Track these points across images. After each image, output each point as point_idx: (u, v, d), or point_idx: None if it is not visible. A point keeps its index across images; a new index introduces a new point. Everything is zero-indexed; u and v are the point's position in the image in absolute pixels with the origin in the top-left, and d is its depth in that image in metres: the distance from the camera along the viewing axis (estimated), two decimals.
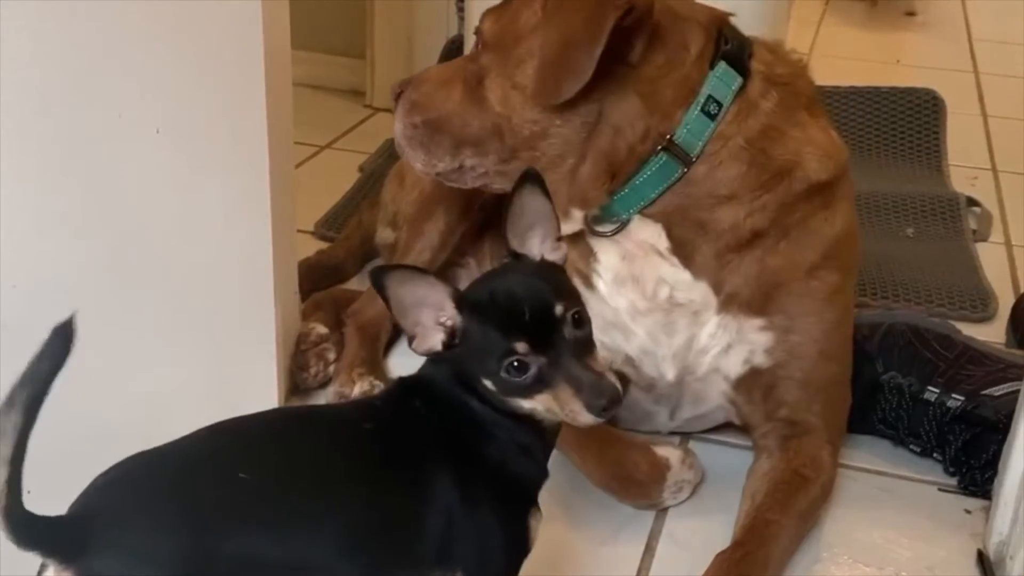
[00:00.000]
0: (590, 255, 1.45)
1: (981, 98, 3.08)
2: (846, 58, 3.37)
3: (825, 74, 2.99)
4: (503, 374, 0.98)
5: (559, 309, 0.99)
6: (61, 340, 0.85)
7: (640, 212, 1.38)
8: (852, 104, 2.71)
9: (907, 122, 2.68)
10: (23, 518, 0.84)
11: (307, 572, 0.97)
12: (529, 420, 1.02)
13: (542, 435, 1.05)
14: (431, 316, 1.00)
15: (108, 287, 1.20)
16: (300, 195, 1.65)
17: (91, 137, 1.14)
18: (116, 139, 1.17)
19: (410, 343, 1.02)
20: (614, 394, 0.98)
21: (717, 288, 1.40)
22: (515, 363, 0.98)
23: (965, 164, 2.61)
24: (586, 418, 0.98)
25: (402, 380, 1.09)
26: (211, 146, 1.30)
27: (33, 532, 0.85)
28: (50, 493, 0.90)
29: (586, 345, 1.01)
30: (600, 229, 1.41)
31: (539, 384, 0.98)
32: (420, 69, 2.78)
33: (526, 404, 1.00)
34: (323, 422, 1.07)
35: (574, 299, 1.02)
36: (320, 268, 1.93)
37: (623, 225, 1.40)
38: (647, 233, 1.40)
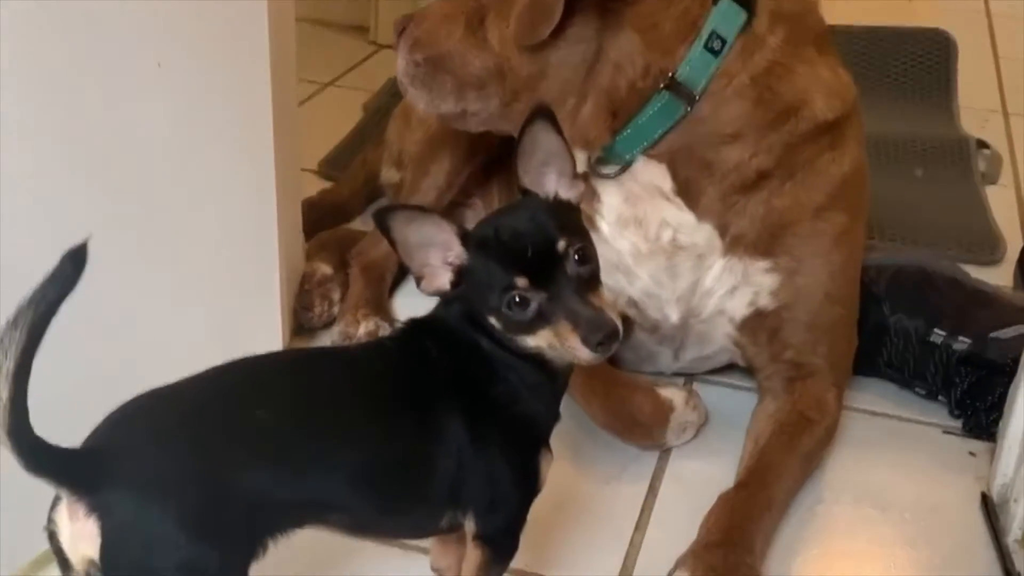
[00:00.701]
0: (593, 197, 1.44)
1: (993, 39, 3.04)
2: None
3: (836, 14, 2.96)
4: (505, 310, 0.98)
5: (561, 245, 0.99)
6: (72, 265, 0.84)
7: (644, 153, 1.37)
8: (863, 44, 2.68)
9: (918, 63, 2.65)
10: (32, 441, 0.84)
11: (320, 510, 0.98)
12: (538, 360, 1.02)
13: (552, 376, 1.05)
14: (438, 256, 0.99)
15: (109, 226, 1.19)
16: (304, 133, 1.63)
17: (90, 71, 1.12)
18: (116, 73, 1.15)
19: (418, 284, 1.02)
20: (612, 329, 0.97)
21: (722, 231, 1.39)
22: (516, 298, 0.97)
23: (975, 106, 2.58)
24: (584, 353, 0.98)
25: (413, 321, 1.09)
26: (213, 82, 1.29)
27: (43, 458, 0.85)
28: (56, 438, 0.90)
29: (589, 282, 1.00)
30: (604, 171, 1.40)
31: (540, 320, 0.98)
32: (424, 4, 2.77)
33: (530, 341, 1.00)
34: (335, 362, 1.08)
35: (579, 235, 1.01)
36: (324, 208, 1.92)
37: (627, 166, 1.39)
38: (651, 174, 1.38)
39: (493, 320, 1.00)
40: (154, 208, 1.25)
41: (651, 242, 1.42)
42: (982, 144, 2.34)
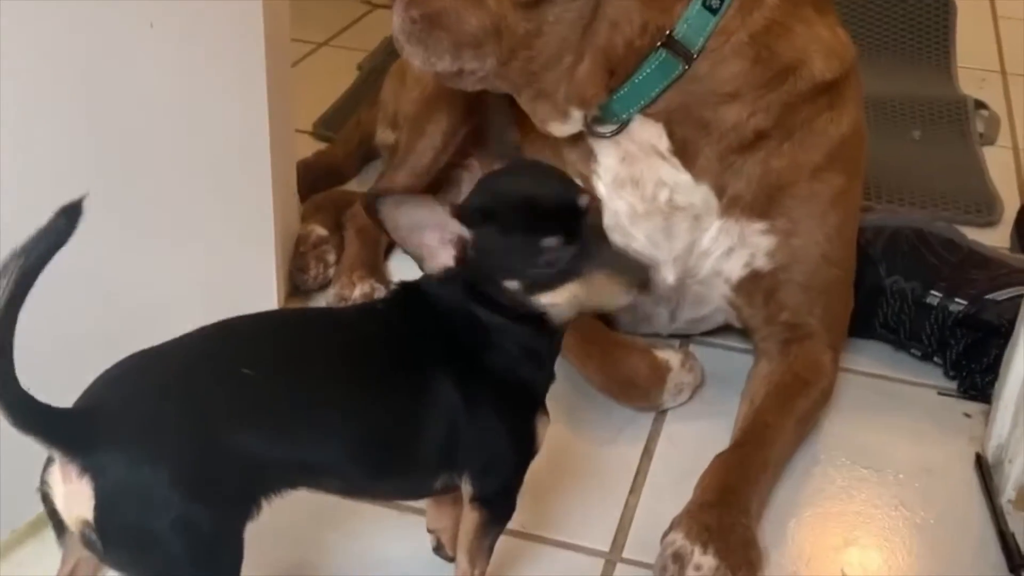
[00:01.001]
0: (590, 156, 1.43)
1: None
2: None
3: None
4: (532, 271, 0.99)
5: (584, 199, 1.01)
6: (66, 219, 0.84)
7: (641, 112, 1.36)
8: (861, 4, 2.66)
9: (916, 23, 2.63)
10: (19, 397, 0.84)
11: (313, 472, 0.98)
12: (539, 321, 1.02)
13: (551, 336, 1.05)
14: (435, 236, 0.99)
15: (102, 188, 1.18)
16: (298, 94, 1.62)
17: (82, 31, 1.11)
18: (109, 33, 1.14)
19: (420, 266, 1.02)
20: (647, 268, 1.04)
21: (719, 191, 1.39)
22: (547, 258, 0.99)
23: (974, 66, 2.57)
24: (625, 298, 1.02)
25: (404, 284, 1.08)
26: (206, 42, 1.27)
27: (32, 415, 0.85)
28: (54, 400, 0.90)
29: (604, 233, 1.03)
30: (600, 130, 1.40)
31: (568, 275, 0.99)
32: None
33: (549, 299, 1.01)
34: (327, 324, 1.07)
35: (587, 190, 1.03)
36: (319, 169, 1.91)
37: (623, 125, 1.38)
38: (648, 133, 1.38)
39: (511, 284, 1.00)
40: (147, 171, 1.24)
41: (648, 202, 1.41)
42: (980, 105, 2.33)
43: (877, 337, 1.62)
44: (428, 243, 1.00)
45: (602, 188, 1.43)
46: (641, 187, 1.41)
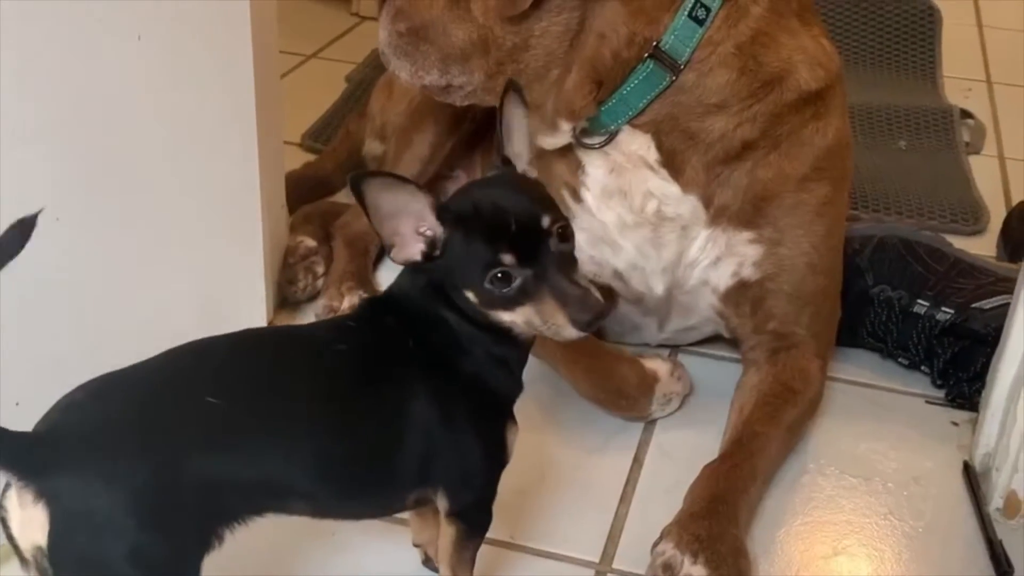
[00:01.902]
0: (578, 168, 1.44)
1: (977, 8, 3.03)
2: None
3: None
4: (487, 285, 0.97)
5: (546, 221, 0.99)
6: (18, 234, 0.83)
7: (629, 123, 1.36)
8: (847, 14, 2.67)
9: (902, 32, 2.65)
10: None
11: (279, 496, 0.96)
12: (506, 333, 1.02)
13: (518, 348, 1.05)
14: (410, 225, 0.98)
15: (90, 200, 1.18)
16: (286, 106, 1.62)
17: (70, 44, 1.11)
18: (96, 46, 1.14)
19: (388, 252, 1.01)
20: (599, 309, 0.98)
21: (707, 202, 1.39)
22: (499, 274, 0.97)
23: (959, 75, 2.58)
24: (570, 332, 0.98)
25: (370, 300, 1.08)
26: (194, 55, 1.27)
27: None
28: (36, 413, 0.89)
29: (570, 259, 1.01)
30: (588, 141, 1.40)
31: (522, 296, 0.98)
32: None
33: (507, 316, 1.00)
34: (294, 343, 1.05)
35: (560, 212, 1.01)
36: (307, 180, 1.91)
37: (612, 137, 1.38)
38: (636, 144, 1.38)
39: (469, 294, 0.99)
40: (136, 182, 1.24)
41: (636, 213, 1.41)
42: (966, 114, 2.35)
43: (865, 346, 1.62)
44: (402, 231, 0.98)
45: (590, 200, 1.44)
46: (629, 198, 1.41)
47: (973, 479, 1.40)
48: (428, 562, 1.21)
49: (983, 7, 3.05)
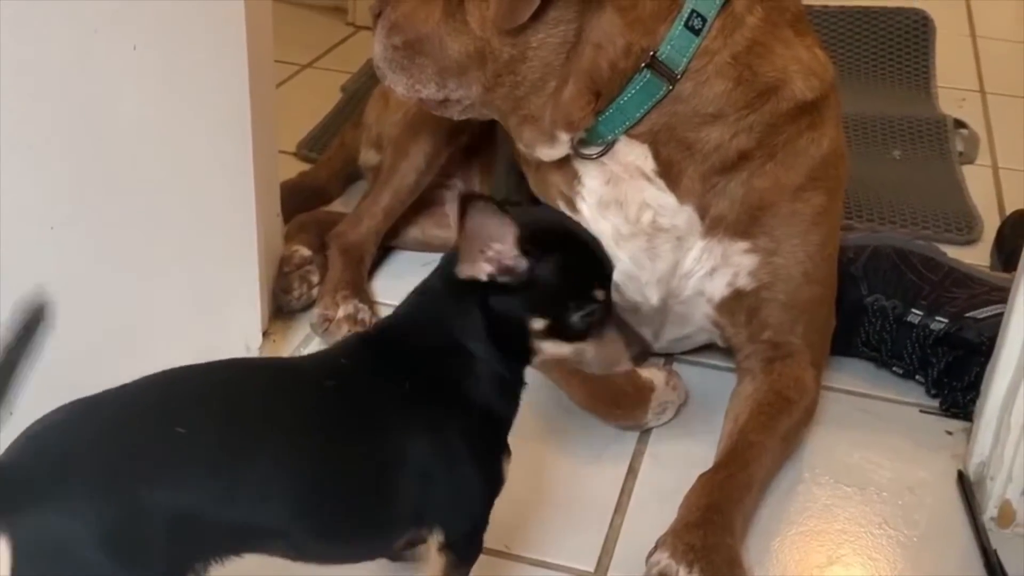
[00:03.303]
0: (574, 178, 1.44)
1: (970, 19, 3.04)
2: None
3: None
4: (574, 318, 1.01)
5: (613, 265, 1.06)
6: (33, 320, 0.83)
7: (626, 133, 1.36)
8: (840, 24, 2.68)
9: (896, 43, 2.65)
10: None
11: (256, 536, 0.93)
12: (525, 363, 1.05)
13: (522, 375, 1.06)
14: (490, 251, 0.98)
15: (84, 208, 1.18)
16: (281, 115, 1.62)
17: (65, 54, 1.11)
18: (92, 56, 1.14)
19: (454, 266, 1.00)
20: (646, 342, 1.10)
21: (702, 212, 1.39)
22: (591, 311, 1.02)
23: (953, 86, 2.59)
24: (627, 364, 1.08)
25: (362, 336, 1.07)
26: (190, 64, 1.28)
27: None
28: (29, 421, 0.89)
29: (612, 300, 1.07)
30: (585, 152, 1.40)
31: (592, 331, 1.03)
32: None
33: (563, 349, 1.04)
34: (278, 375, 1.02)
35: None
36: (302, 190, 1.91)
37: (609, 147, 1.38)
38: (634, 155, 1.38)
39: (540, 322, 1.01)
40: (131, 192, 1.24)
41: (632, 224, 1.42)
42: (960, 124, 2.35)
43: (859, 355, 1.62)
44: (484, 252, 0.98)
45: (586, 210, 1.44)
46: (625, 209, 1.41)
47: (967, 488, 1.40)
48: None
49: (977, 17, 3.06)
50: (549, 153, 1.40)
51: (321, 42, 2.67)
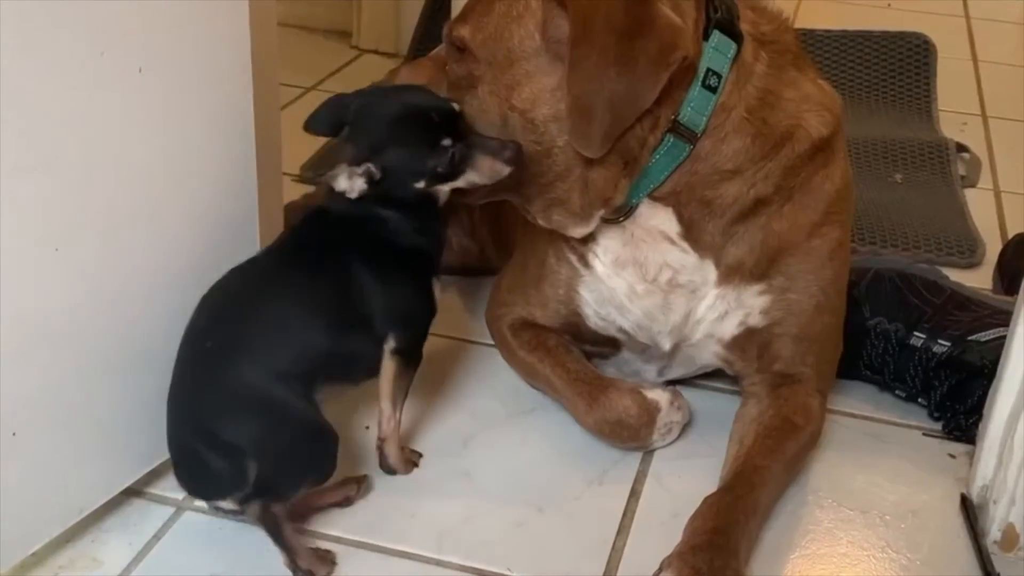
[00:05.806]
0: (590, 238, 1.43)
1: (972, 43, 3.06)
2: (836, 1, 3.33)
3: (815, 17, 2.98)
4: (440, 169, 1.26)
5: (456, 104, 1.29)
6: None
7: (649, 196, 1.36)
8: (842, 48, 2.70)
9: (897, 67, 2.67)
10: None
11: (289, 342, 1.26)
12: (431, 202, 1.31)
13: (437, 208, 1.32)
14: (344, 179, 1.25)
15: (89, 230, 1.18)
16: (286, 138, 1.63)
17: (72, 76, 1.12)
18: (97, 78, 1.14)
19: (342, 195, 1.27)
20: (516, 147, 1.29)
21: (719, 262, 1.39)
22: (444, 157, 1.26)
23: (955, 109, 2.60)
24: (505, 169, 1.28)
25: (316, 208, 1.35)
26: (195, 87, 1.28)
27: None
28: (32, 441, 0.89)
29: (471, 127, 1.30)
30: (608, 216, 1.39)
31: (463, 163, 1.27)
32: (407, 10, 2.76)
33: (451, 185, 1.29)
34: (265, 264, 1.35)
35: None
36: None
37: (632, 210, 1.38)
38: (657, 219, 1.38)
39: (419, 184, 1.27)
40: (135, 213, 1.24)
41: (649, 282, 1.42)
42: (961, 148, 2.36)
43: (862, 378, 1.62)
44: (340, 182, 1.25)
45: (600, 267, 1.44)
46: (644, 268, 1.41)
47: (971, 512, 1.39)
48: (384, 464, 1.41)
49: (978, 42, 3.07)
50: (582, 231, 1.40)
51: (326, 65, 2.69)
